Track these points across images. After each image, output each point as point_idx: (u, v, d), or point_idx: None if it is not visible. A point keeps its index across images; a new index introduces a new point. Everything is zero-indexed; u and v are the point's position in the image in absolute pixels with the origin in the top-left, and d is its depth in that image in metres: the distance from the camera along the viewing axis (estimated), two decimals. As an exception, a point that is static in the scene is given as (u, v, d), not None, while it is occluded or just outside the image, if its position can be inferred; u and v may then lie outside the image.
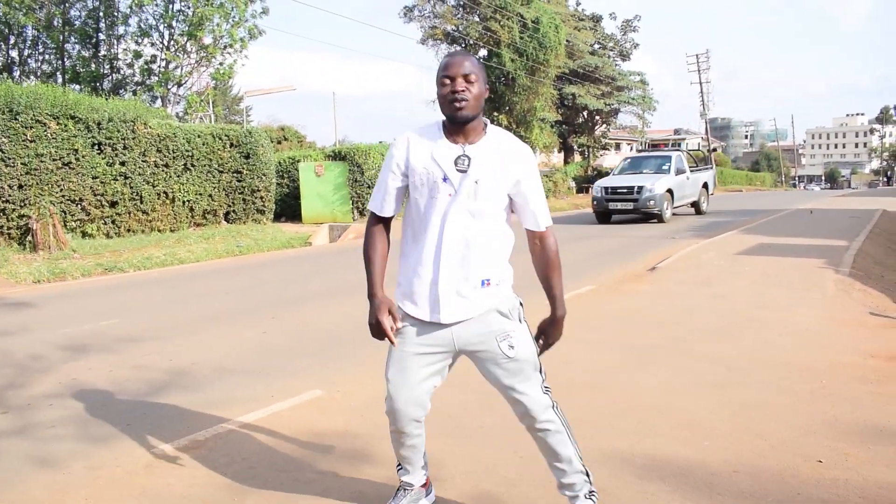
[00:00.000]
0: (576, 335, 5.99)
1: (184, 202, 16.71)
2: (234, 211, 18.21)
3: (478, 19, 34.76)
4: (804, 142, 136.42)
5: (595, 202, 19.42)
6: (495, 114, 34.59)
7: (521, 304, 2.69)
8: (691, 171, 20.72)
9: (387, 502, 2.93)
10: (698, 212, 21.11)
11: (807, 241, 12.52)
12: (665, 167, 19.57)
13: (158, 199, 16.02)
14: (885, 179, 67.92)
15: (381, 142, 27.77)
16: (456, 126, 2.54)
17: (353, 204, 22.06)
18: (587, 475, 2.72)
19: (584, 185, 42.60)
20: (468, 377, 4.71)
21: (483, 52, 35.60)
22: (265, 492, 3.22)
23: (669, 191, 18.60)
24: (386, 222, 2.73)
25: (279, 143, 37.86)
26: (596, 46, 43.66)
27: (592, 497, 2.73)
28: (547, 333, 2.70)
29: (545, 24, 33.22)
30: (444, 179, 2.52)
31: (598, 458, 3.43)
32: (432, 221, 2.55)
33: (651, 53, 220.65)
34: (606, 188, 19.12)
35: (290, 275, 11.19)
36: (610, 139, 49.92)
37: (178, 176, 16.49)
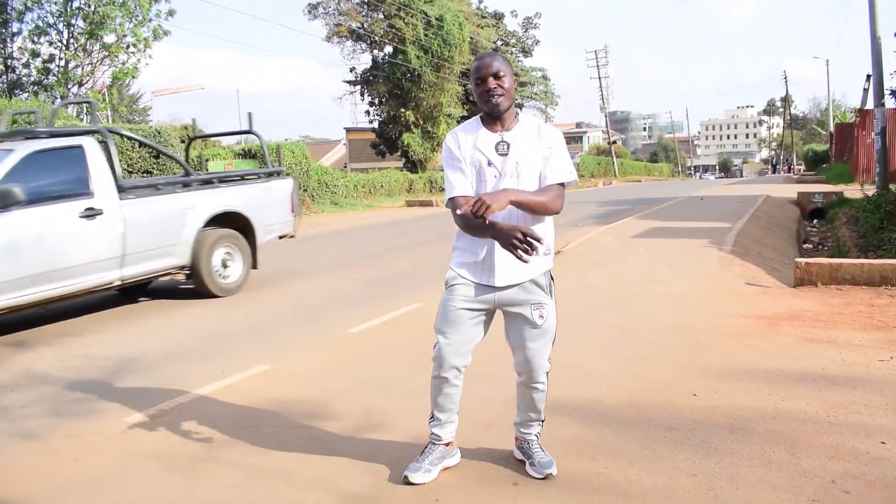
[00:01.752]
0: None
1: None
2: (145, 211, 18.07)
3: (382, 17, 35.23)
4: (699, 133, 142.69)
5: None
6: (402, 110, 35.21)
7: (552, 279, 3.17)
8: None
9: (417, 456, 3.27)
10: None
11: (695, 224, 13.68)
12: None
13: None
14: (772, 168, 72.12)
15: (286, 139, 27.85)
16: (493, 118, 3.01)
17: (265, 202, 22.16)
18: (543, 421, 3.34)
19: (491, 178, 43.70)
20: (397, 349, 5.32)
21: (388, 50, 36.10)
22: (234, 444, 3.73)
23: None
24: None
25: (183, 141, 37.33)
26: (499, 43, 44.83)
27: (539, 433, 3.35)
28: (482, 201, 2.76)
29: (449, 22, 34.02)
30: (489, 164, 2.97)
31: (512, 399, 4.09)
32: None
33: (552, 50, 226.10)
34: None
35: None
36: (515, 133, 51.27)
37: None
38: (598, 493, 2.99)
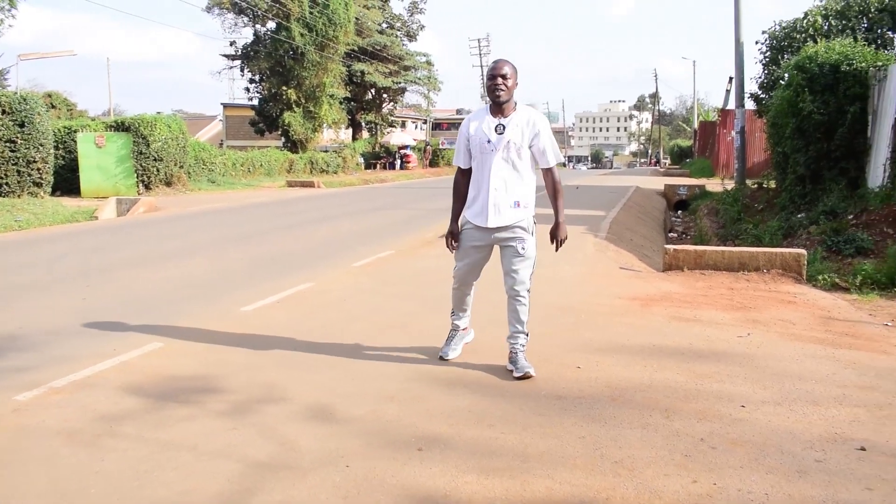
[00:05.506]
0: (384, 290, 6.87)
1: (-55, 173, 15.08)
2: (6, 184, 17.03)
3: (266, -9, 34.33)
4: (573, 125, 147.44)
5: None
6: (284, 88, 34.54)
7: (535, 223, 4.38)
8: None
9: (444, 342, 4.71)
10: None
11: (572, 212, 14.26)
12: None
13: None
14: (650, 160, 75.27)
15: (158, 112, 26.67)
16: (497, 106, 4.24)
17: (138, 177, 21.32)
18: (527, 334, 4.40)
19: (371, 161, 43.71)
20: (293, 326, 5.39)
21: (271, 25, 35.27)
22: (136, 419, 3.73)
23: None
24: (467, 174, 4.42)
25: (46, 111, 35.16)
26: (384, 26, 44.70)
27: (524, 344, 4.42)
28: (553, 234, 4.45)
29: (335, 1, 33.62)
30: (489, 142, 4.23)
31: (410, 374, 4.33)
32: (484, 168, 4.27)
33: (436, 36, 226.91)
34: None
35: (89, 246, 11.00)
36: (397, 117, 51.44)
37: (-61, 145, 14.86)
38: (497, 455, 3.23)
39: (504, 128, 4.20)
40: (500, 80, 4.16)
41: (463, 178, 4.46)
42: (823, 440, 3.36)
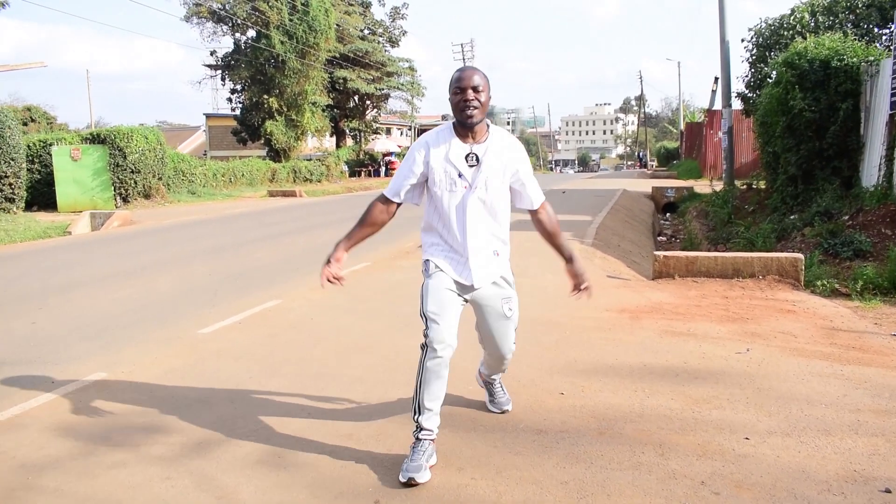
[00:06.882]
0: (354, 306, 6.41)
1: None
2: (-23, 199, 16.52)
3: (245, -1, 33.89)
4: (559, 128, 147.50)
5: None
6: (265, 96, 34.06)
7: (512, 273, 3.44)
8: None
9: (410, 455, 3.06)
10: None
11: (558, 217, 13.87)
12: None
13: None
14: (637, 163, 74.72)
15: (141, 124, 26.24)
16: (465, 128, 3.15)
17: (115, 190, 20.84)
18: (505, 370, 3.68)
19: (356, 168, 43.24)
20: (251, 351, 4.96)
21: (251, 34, 34.82)
22: (58, 468, 3.26)
23: None
24: (392, 204, 3.34)
25: (25, 124, 34.55)
26: (366, 32, 44.26)
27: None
28: (573, 274, 3.47)
29: (315, 7, 33.20)
30: (460, 176, 3.17)
31: (371, 407, 3.87)
32: (456, 209, 3.20)
33: (421, 42, 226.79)
34: None
35: (54, 264, 10.50)
36: (381, 124, 50.96)
37: None
38: (465, 507, 2.78)
39: (477, 157, 3.16)
40: (471, 94, 3.07)
41: (383, 209, 3.34)
42: (841, 480, 2.92)
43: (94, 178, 20.63)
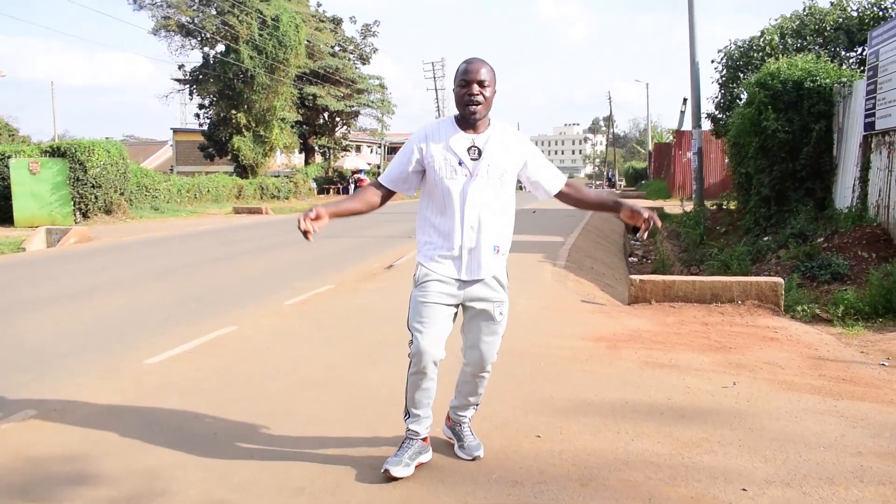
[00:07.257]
0: (314, 334, 6.01)
1: None
2: (-75, 214, 15.82)
3: (215, 12, 33.42)
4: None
5: None
6: (233, 112, 33.55)
7: (507, 276, 3.30)
8: None
9: (395, 451, 3.19)
10: None
11: (529, 238, 13.59)
12: None
13: None
14: (608, 181, 74.49)
15: (107, 137, 25.59)
16: (467, 122, 3.09)
17: (74, 205, 20.22)
18: (477, 405, 3.49)
19: (325, 186, 42.75)
20: (200, 385, 4.53)
21: (220, 48, 34.35)
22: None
23: None
24: (385, 191, 3.24)
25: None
26: (336, 48, 43.96)
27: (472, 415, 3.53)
28: (628, 216, 3.27)
29: (285, 23, 32.88)
30: (461, 163, 3.08)
31: (327, 454, 3.47)
32: (454, 198, 3.08)
33: (393, 60, 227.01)
34: None
35: (0, 283, 9.94)
36: (351, 141, 50.59)
37: None
38: (431, 580, 2.41)
39: (479, 151, 3.08)
40: (476, 89, 3.01)
41: (376, 192, 3.24)
42: (853, 541, 2.61)
43: (53, 192, 20.05)
